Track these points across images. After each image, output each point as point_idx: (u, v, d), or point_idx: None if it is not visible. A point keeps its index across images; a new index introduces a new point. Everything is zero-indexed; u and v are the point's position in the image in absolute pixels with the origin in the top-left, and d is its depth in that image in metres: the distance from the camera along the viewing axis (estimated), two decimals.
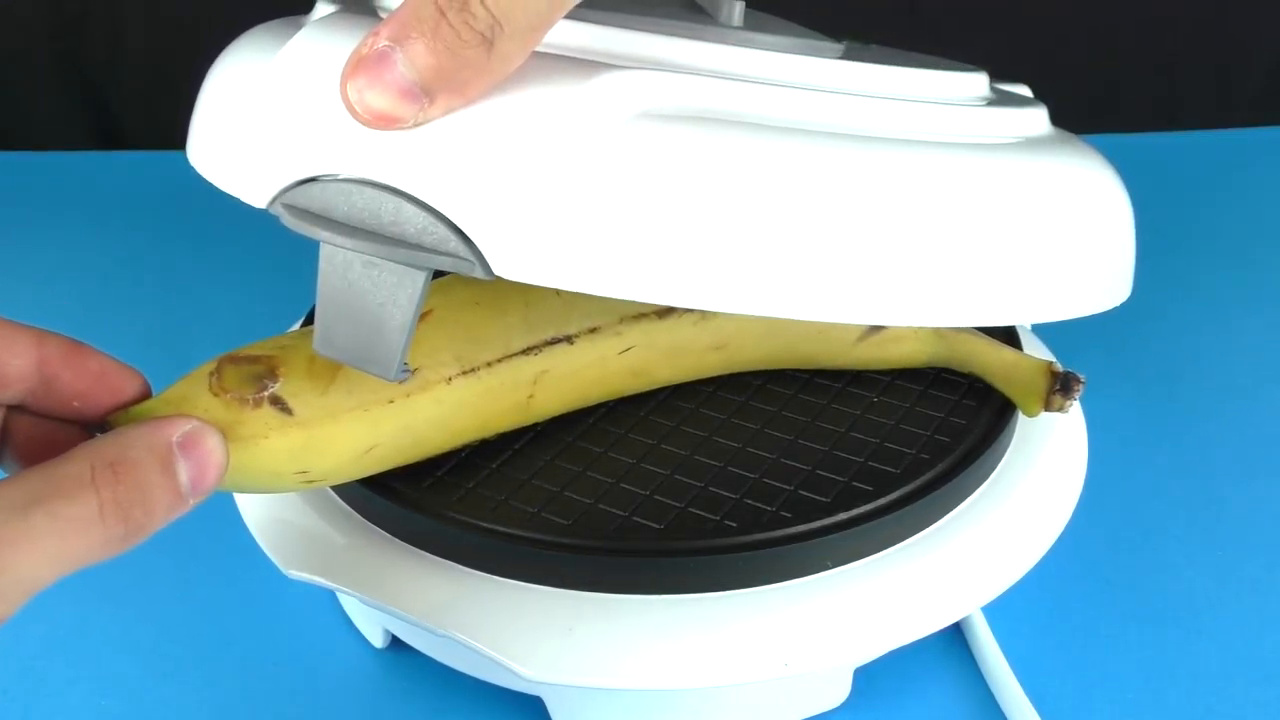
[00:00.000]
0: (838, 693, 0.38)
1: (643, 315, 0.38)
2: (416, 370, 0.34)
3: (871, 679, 0.38)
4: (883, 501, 0.35)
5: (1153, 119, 0.79)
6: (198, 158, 0.34)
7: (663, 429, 0.39)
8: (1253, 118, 0.79)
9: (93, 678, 0.40)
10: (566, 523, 0.35)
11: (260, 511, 0.39)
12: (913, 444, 0.38)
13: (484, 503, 0.36)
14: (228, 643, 0.41)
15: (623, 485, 0.36)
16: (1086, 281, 0.33)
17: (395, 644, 0.41)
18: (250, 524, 0.39)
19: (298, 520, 0.38)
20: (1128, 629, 0.41)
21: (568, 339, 0.37)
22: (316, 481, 0.34)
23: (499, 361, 0.36)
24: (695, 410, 0.40)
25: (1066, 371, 0.38)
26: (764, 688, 0.36)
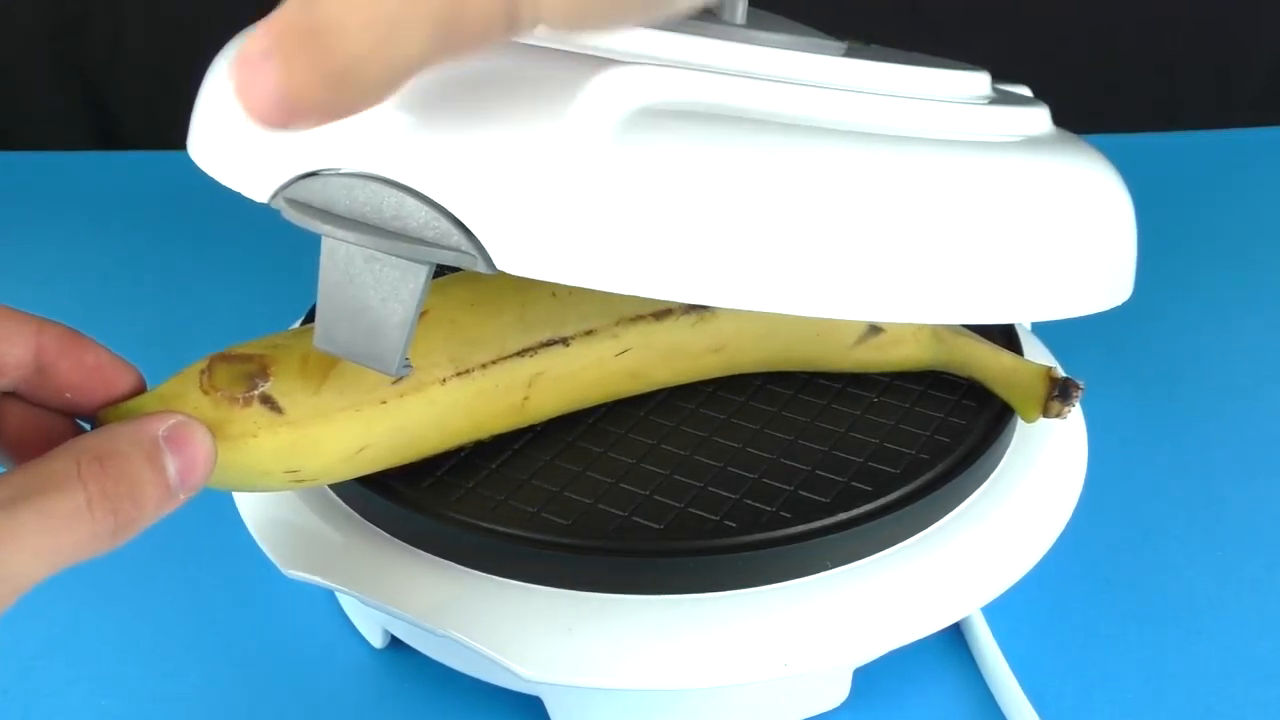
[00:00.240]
0: (837, 693, 0.38)
1: (640, 317, 0.38)
2: (411, 371, 0.34)
3: (871, 679, 0.38)
4: (882, 502, 0.35)
5: (1153, 119, 0.79)
6: (199, 153, 0.34)
7: (662, 429, 0.39)
8: (1253, 118, 0.79)
9: (93, 678, 0.40)
10: (566, 523, 0.35)
11: (259, 511, 0.39)
12: (912, 444, 0.38)
13: (484, 502, 0.35)
14: (227, 642, 0.41)
15: (622, 485, 0.36)
16: (1087, 280, 0.33)
17: (394, 644, 0.41)
18: (249, 523, 0.39)
19: (297, 520, 0.38)
20: (1128, 629, 0.41)
21: (564, 341, 0.37)
22: (307, 481, 0.33)
23: (494, 363, 0.35)
24: (695, 410, 0.40)
25: (1065, 378, 0.38)
26: (764, 688, 0.36)
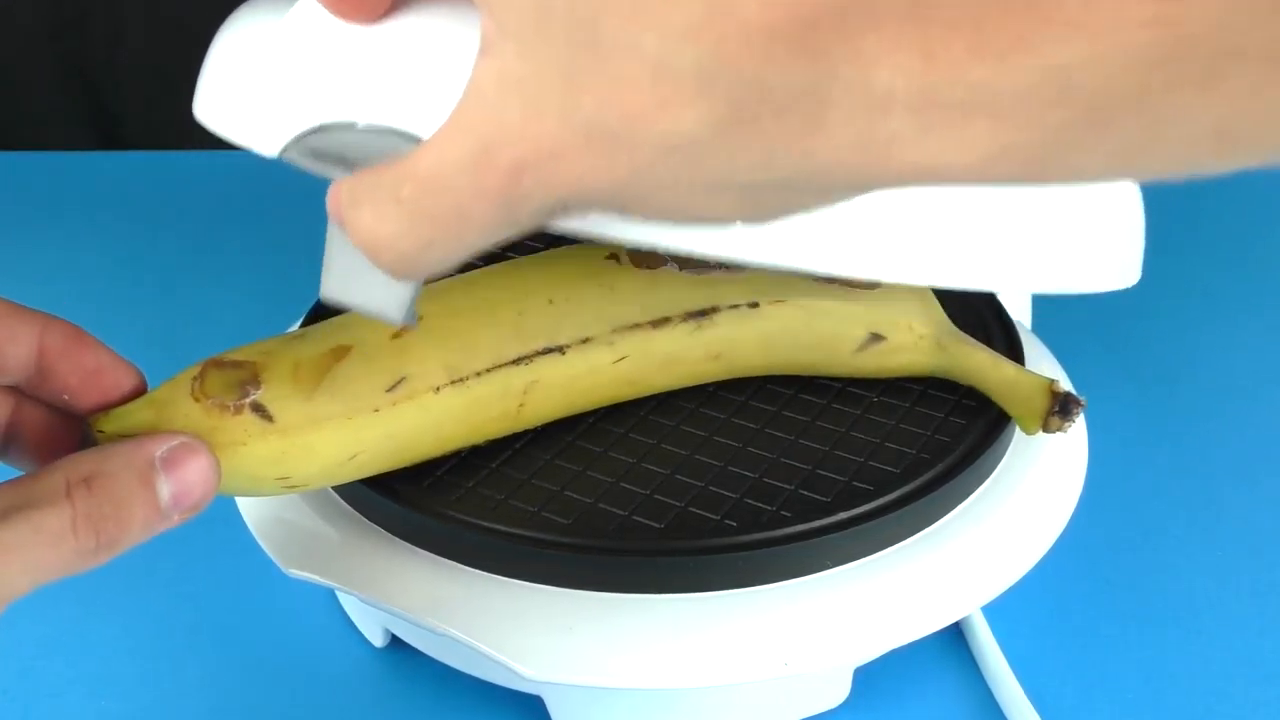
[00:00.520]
0: (837, 693, 0.38)
1: (637, 325, 0.37)
2: (404, 379, 0.34)
3: (871, 679, 0.38)
4: (882, 501, 0.35)
5: None
6: (205, 113, 0.33)
7: (663, 429, 0.39)
8: None
9: (92, 678, 0.40)
10: (566, 522, 0.35)
11: (260, 510, 0.39)
12: (913, 444, 0.38)
13: (484, 502, 0.35)
14: (227, 642, 0.41)
15: (622, 485, 0.36)
16: (1098, 256, 0.33)
17: (395, 643, 0.41)
18: (250, 523, 0.39)
19: (297, 519, 0.38)
20: (1128, 629, 0.41)
21: (560, 349, 0.36)
22: (299, 487, 0.33)
23: (489, 371, 0.35)
24: (695, 410, 0.40)
25: (1067, 393, 0.37)
26: (764, 688, 0.36)
